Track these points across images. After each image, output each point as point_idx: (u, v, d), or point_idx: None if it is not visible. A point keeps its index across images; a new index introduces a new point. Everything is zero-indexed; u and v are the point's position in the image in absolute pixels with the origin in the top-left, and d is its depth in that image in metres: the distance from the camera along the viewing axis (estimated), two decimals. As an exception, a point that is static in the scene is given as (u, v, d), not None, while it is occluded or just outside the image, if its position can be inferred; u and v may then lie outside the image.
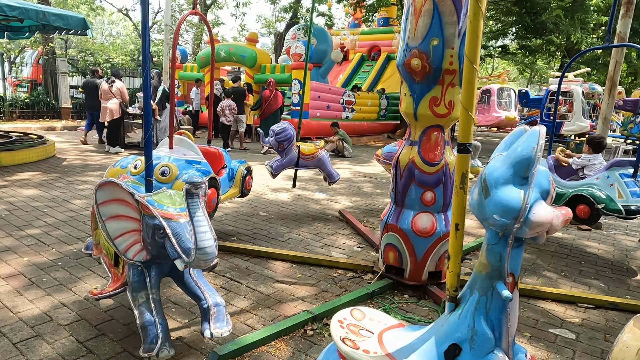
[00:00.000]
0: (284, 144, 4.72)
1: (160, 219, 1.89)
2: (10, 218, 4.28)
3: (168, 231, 1.87)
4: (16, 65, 22.03)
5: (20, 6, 6.16)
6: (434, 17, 2.70)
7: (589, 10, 13.50)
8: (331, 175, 5.11)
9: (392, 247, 3.12)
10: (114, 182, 1.99)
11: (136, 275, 2.09)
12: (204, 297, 2.18)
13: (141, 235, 2.02)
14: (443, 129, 3.00)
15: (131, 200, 2.00)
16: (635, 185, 3.78)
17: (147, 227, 1.96)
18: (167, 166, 3.18)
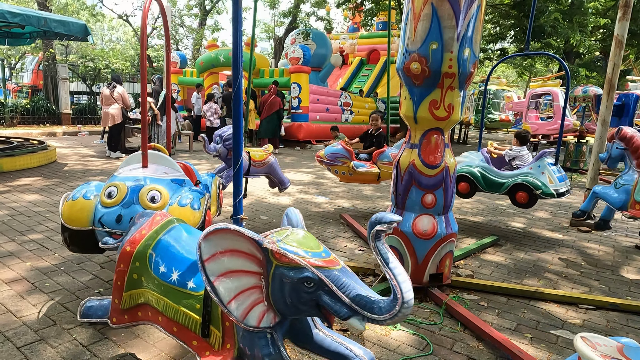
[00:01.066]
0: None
1: (314, 270, 1.44)
2: (12, 223, 4.29)
3: (331, 285, 1.44)
4: (16, 71, 22.10)
5: (22, 13, 6.20)
6: (433, 22, 2.73)
7: (587, 13, 13.56)
8: (282, 182, 4.86)
9: (393, 249, 3.12)
10: (228, 229, 1.50)
11: (266, 345, 1.58)
12: (353, 354, 1.69)
13: (263, 293, 1.56)
14: (443, 131, 3.02)
15: (253, 249, 1.53)
16: (559, 171, 4.45)
17: (283, 281, 1.49)
18: (156, 190, 2.65)
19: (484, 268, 3.71)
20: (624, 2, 4.85)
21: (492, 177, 4.65)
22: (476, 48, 2.87)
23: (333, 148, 5.10)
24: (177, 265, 1.82)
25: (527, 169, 4.53)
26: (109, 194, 2.62)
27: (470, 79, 2.93)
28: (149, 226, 1.98)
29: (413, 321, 2.72)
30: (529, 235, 4.80)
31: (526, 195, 4.43)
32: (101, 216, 2.56)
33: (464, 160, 5.00)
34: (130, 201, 2.59)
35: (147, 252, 1.89)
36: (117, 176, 2.75)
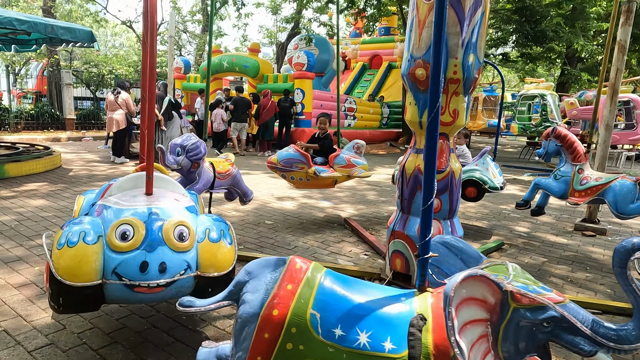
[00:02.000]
0: (198, 163, 3.76)
1: (556, 307, 1.33)
2: (19, 228, 4.33)
3: (574, 321, 1.34)
4: (21, 77, 22.26)
5: (29, 20, 6.28)
6: None
7: (589, 18, 13.61)
8: (246, 194, 4.44)
9: (399, 254, 3.15)
10: (482, 276, 1.34)
11: None
12: None
13: (489, 341, 1.38)
14: (448, 136, 3.05)
15: (487, 293, 1.36)
16: (497, 167, 4.97)
17: (520, 325, 1.34)
18: (182, 225, 2.13)
19: (490, 272, 3.72)
20: (626, 7, 4.88)
21: None
22: (480, 54, 2.90)
23: (287, 153, 4.71)
24: (361, 323, 1.43)
25: (473, 165, 4.84)
26: (122, 234, 2.02)
27: (474, 84, 2.96)
28: (292, 278, 1.53)
29: (420, 325, 2.72)
30: (533, 240, 4.80)
31: (475, 190, 4.84)
32: (117, 265, 1.98)
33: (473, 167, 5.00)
34: (155, 242, 2.03)
35: (306, 313, 1.45)
36: (122, 209, 2.15)
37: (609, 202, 4.12)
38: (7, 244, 3.88)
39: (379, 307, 1.47)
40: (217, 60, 14.05)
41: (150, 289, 2.02)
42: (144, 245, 2.02)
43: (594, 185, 4.22)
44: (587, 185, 4.25)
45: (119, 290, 2.01)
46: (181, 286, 2.11)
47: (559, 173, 4.48)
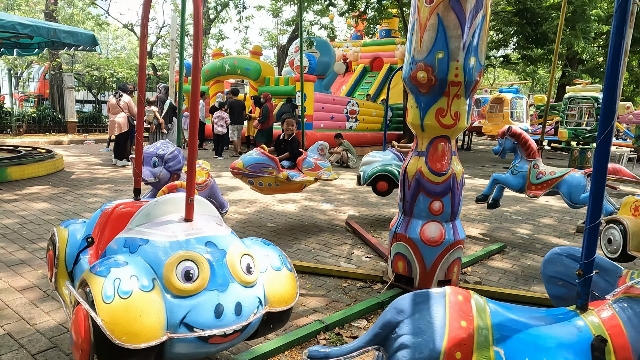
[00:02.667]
0: (178, 174, 3.42)
1: None
2: (22, 231, 4.34)
3: None
4: (23, 81, 22.34)
5: (32, 24, 6.31)
6: (438, 31, 2.78)
7: (589, 20, 13.63)
8: (222, 205, 4.14)
9: (402, 256, 3.15)
10: None
11: None
12: None
13: None
14: (449, 139, 3.06)
15: None
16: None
17: None
18: (247, 254, 1.84)
19: (492, 275, 3.72)
20: (627, 10, 4.91)
21: None
22: (482, 57, 2.91)
23: (255, 157, 4.36)
24: (544, 353, 1.33)
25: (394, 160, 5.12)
26: (186, 273, 1.64)
27: (476, 87, 2.97)
28: (461, 313, 1.37)
29: (422, 328, 2.72)
30: (535, 242, 4.80)
31: (386, 184, 5.10)
32: (186, 313, 1.61)
33: (377, 160, 5.17)
34: (224, 278, 1.70)
35: (489, 351, 1.32)
36: (171, 241, 1.74)
37: (563, 194, 4.53)
38: (10, 247, 3.89)
39: (555, 333, 1.38)
40: (219, 63, 14.09)
41: (225, 337, 1.68)
42: (213, 284, 1.66)
43: (550, 179, 4.61)
44: (543, 179, 4.64)
45: (190, 344, 1.63)
46: (252, 328, 1.80)
47: (515, 169, 4.82)
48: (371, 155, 5.40)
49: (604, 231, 3.73)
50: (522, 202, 6.96)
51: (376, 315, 2.86)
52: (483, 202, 5.18)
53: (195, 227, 1.85)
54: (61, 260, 2.22)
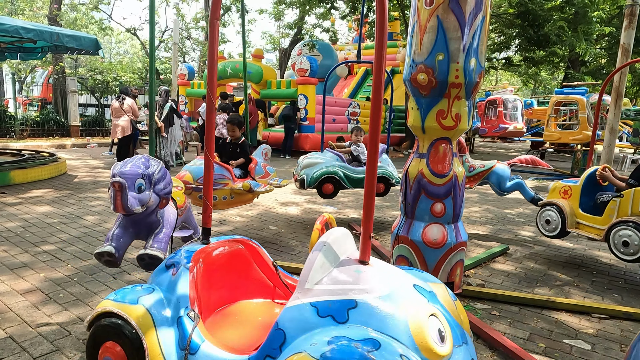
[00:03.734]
0: (167, 198, 2.62)
1: None
2: (25, 235, 4.35)
3: None
4: (27, 85, 22.47)
5: (35, 28, 6.35)
6: (438, 33, 2.78)
7: (591, 22, 13.60)
8: (196, 229, 3.47)
9: (404, 258, 3.14)
10: None
11: None
12: None
13: None
14: (450, 141, 3.05)
15: None
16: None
17: None
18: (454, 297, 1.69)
19: (495, 277, 3.70)
20: (629, 11, 4.88)
21: (354, 175, 5.02)
22: (482, 58, 2.91)
23: (198, 168, 3.73)
24: None
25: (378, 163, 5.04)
26: (439, 333, 1.37)
27: (476, 88, 2.97)
28: None
29: (425, 331, 2.71)
30: (538, 244, 4.78)
31: (383, 186, 5.14)
32: None
33: (318, 162, 5.02)
34: (462, 329, 1.52)
35: None
36: (389, 296, 1.40)
37: (493, 183, 5.06)
38: (13, 250, 3.90)
39: None
40: (221, 67, 14.13)
41: None
42: (460, 338, 1.43)
43: (481, 171, 5.06)
44: (475, 172, 5.05)
45: None
46: None
47: None
48: (311, 157, 5.14)
49: (540, 214, 4.27)
50: (525, 204, 6.93)
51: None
52: None
53: (378, 271, 1.51)
54: (157, 356, 1.60)
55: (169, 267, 1.91)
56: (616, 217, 3.64)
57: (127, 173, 2.42)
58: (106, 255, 2.55)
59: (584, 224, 3.94)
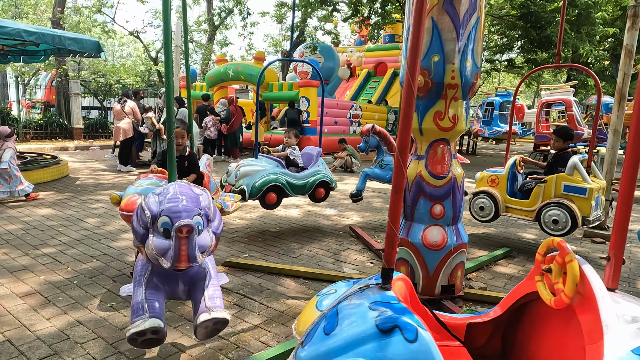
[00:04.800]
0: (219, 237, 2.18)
1: None
2: (26, 237, 4.35)
3: None
4: (30, 88, 22.58)
5: (37, 31, 6.38)
6: (433, 35, 2.77)
7: (595, 23, 13.55)
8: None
9: (404, 261, 3.12)
10: None
11: None
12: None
13: None
14: (449, 142, 3.03)
15: None
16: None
17: None
18: None
19: (497, 280, 3.67)
20: (632, 12, 4.85)
21: (296, 181, 4.68)
22: (478, 59, 2.90)
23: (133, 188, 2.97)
24: None
25: (316, 167, 4.95)
26: None
27: (473, 89, 2.95)
28: None
29: (425, 334, 2.68)
30: (541, 247, 4.74)
31: (324, 191, 4.95)
32: None
33: (258, 169, 4.44)
34: None
35: None
36: None
37: None
38: (13, 253, 3.90)
39: None
40: (223, 69, 14.16)
41: None
42: None
43: None
44: None
45: None
46: None
47: (383, 163, 5.26)
48: (247, 164, 4.49)
49: (473, 202, 4.64)
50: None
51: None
52: (358, 198, 5.21)
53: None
54: None
55: (388, 330, 1.25)
56: (542, 199, 4.27)
57: (188, 210, 1.83)
58: (149, 333, 1.90)
59: (514, 208, 4.51)
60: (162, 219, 1.85)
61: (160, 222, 1.85)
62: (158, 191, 1.97)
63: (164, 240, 1.83)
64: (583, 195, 4.11)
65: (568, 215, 4.07)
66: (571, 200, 4.11)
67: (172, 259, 1.81)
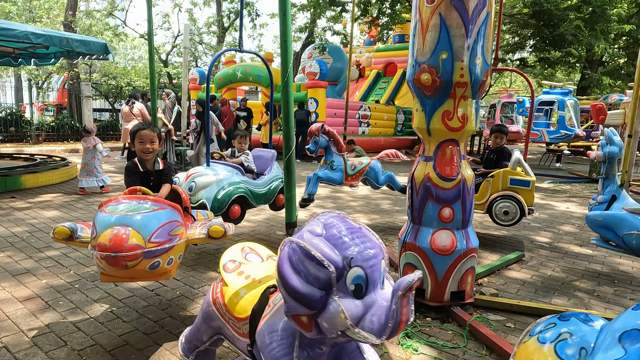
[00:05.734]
0: None
1: None
2: (31, 240, 4.33)
3: None
4: (43, 91, 22.89)
5: (45, 34, 6.40)
6: (441, 31, 2.66)
7: (610, 20, 13.24)
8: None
9: (412, 266, 3.01)
10: None
11: None
12: None
13: None
14: (458, 142, 2.91)
15: None
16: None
17: None
18: None
19: (509, 286, 3.54)
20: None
21: (257, 190, 4.22)
22: (488, 56, 2.78)
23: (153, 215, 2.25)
24: None
25: (273, 172, 4.59)
26: None
27: (483, 87, 2.83)
28: None
29: (435, 344, 2.57)
30: (555, 251, 4.58)
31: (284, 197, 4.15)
32: None
33: (217, 178, 3.87)
34: None
35: None
36: None
37: (372, 178, 5.28)
38: (17, 255, 3.88)
39: None
40: (231, 71, 14.16)
41: None
42: None
43: (361, 168, 5.20)
44: (357, 169, 5.19)
45: None
46: None
47: (333, 164, 5.15)
48: (201, 174, 3.85)
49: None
50: (541, 208, 6.72)
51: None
52: (308, 203, 5.05)
53: None
54: None
55: None
56: (490, 193, 4.58)
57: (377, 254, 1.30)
58: None
59: None
60: (354, 271, 1.24)
61: (352, 276, 1.24)
62: (314, 227, 1.32)
63: (356, 301, 1.25)
64: (527, 187, 4.48)
65: (517, 206, 4.44)
66: (517, 192, 4.47)
67: (390, 329, 1.20)
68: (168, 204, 2.39)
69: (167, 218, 2.28)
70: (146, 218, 2.20)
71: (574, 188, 9.06)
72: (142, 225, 2.15)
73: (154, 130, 2.82)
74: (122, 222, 2.14)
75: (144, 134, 2.76)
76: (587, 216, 3.84)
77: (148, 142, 2.78)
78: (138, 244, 2.10)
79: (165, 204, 2.38)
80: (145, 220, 2.18)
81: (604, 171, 4.07)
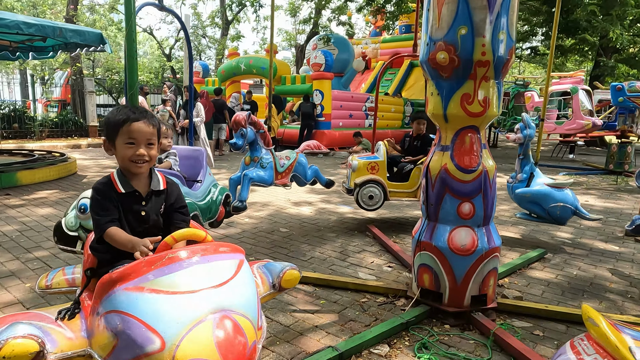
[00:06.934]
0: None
1: None
2: (20, 240, 4.10)
3: None
4: (46, 87, 22.80)
5: (36, 23, 6.15)
6: (460, 3, 2.35)
7: (626, 4, 12.72)
8: None
9: (427, 268, 2.72)
10: None
11: None
12: None
13: None
14: (478, 129, 2.61)
15: None
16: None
17: None
18: None
19: (533, 287, 3.23)
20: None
21: (201, 203, 3.52)
22: (512, 31, 2.46)
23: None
24: None
25: (209, 176, 3.88)
26: None
27: (507, 67, 2.52)
28: None
29: (456, 355, 2.28)
30: (579, 247, 4.26)
31: (224, 208, 3.91)
32: None
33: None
34: None
35: None
36: None
37: (300, 174, 4.70)
38: (3, 256, 3.64)
39: None
40: (234, 63, 13.87)
41: None
42: None
43: (289, 164, 4.65)
44: (286, 166, 4.62)
45: None
46: None
47: (263, 161, 4.44)
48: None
49: (360, 192, 4.58)
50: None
51: (400, 339, 2.44)
52: (242, 210, 4.09)
53: None
54: None
55: None
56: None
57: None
58: None
59: (396, 191, 4.66)
60: None
61: None
62: None
63: None
64: None
65: None
66: None
67: None
68: (235, 249, 1.46)
69: (252, 278, 1.45)
70: (238, 288, 1.32)
71: (590, 180, 8.68)
72: (244, 304, 1.30)
73: (154, 124, 1.66)
74: (220, 308, 1.22)
75: (137, 128, 1.61)
76: (516, 194, 4.26)
77: (143, 145, 1.65)
78: (256, 341, 1.27)
79: (234, 251, 1.44)
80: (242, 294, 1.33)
81: (521, 152, 4.34)
